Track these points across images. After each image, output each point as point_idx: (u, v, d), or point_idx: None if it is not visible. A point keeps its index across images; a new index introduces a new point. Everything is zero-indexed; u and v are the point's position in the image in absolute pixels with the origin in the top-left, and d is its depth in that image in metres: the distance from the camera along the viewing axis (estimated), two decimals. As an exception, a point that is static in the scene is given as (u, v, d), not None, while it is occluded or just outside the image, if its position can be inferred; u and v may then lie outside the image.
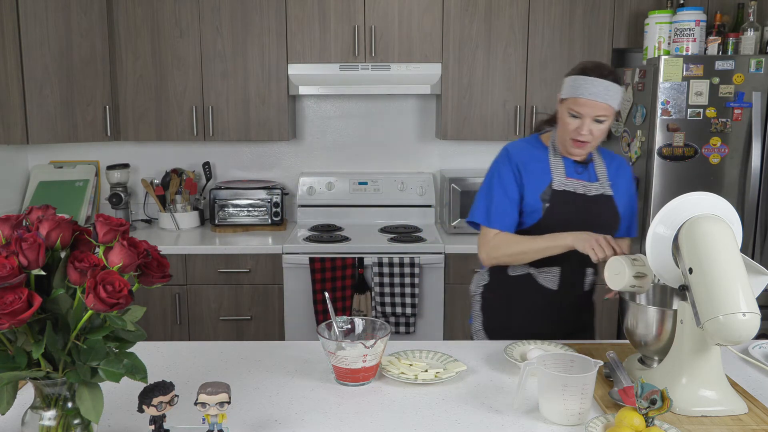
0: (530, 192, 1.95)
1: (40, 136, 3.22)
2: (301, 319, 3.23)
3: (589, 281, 2.03)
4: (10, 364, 1.07)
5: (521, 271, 2.00)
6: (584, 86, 1.82)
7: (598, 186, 1.97)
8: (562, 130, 1.91)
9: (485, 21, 3.35)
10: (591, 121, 1.84)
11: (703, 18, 3.02)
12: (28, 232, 1.08)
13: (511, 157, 1.98)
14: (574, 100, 1.84)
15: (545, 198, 1.93)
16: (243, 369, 1.65)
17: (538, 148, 2.01)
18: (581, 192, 1.95)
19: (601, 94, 1.81)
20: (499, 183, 1.96)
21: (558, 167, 1.96)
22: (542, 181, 1.95)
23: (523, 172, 1.96)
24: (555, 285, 1.98)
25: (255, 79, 3.39)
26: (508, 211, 1.95)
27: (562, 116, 1.89)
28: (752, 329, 1.29)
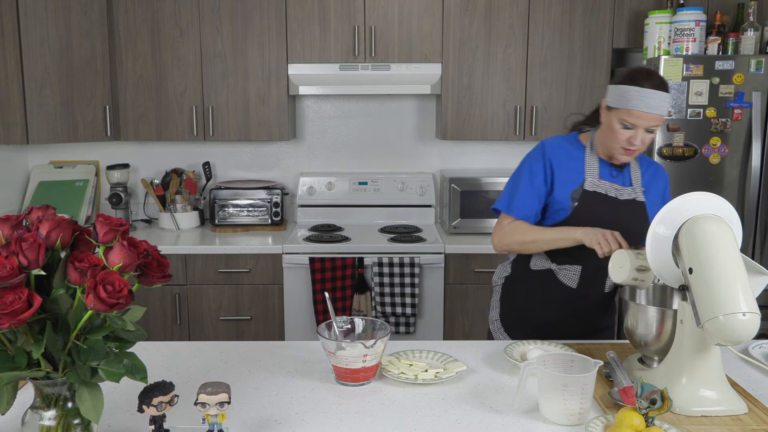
0: (561, 189, 1.95)
1: (40, 136, 3.22)
2: (301, 319, 3.23)
3: (611, 283, 2.03)
4: (10, 364, 1.07)
5: (542, 266, 2.01)
6: (639, 98, 1.79)
7: (631, 191, 1.96)
8: (611, 138, 1.88)
9: (485, 21, 3.35)
10: (643, 131, 1.83)
11: (703, 18, 3.02)
12: (28, 232, 1.08)
13: (545, 153, 1.98)
14: (628, 112, 1.81)
15: (575, 197, 1.94)
16: (243, 369, 1.65)
17: (576, 147, 2.00)
18: (612, 195, 1.94)
19: (656, 107, 1.79)
20: (528, 175, 1.98)
21: (592, 168, 1.96)
22: (575, 179, 1.95)
23: (556, 168, 1.96)
24: (575, 283, 1.99)
25: (255, 79, 3.39)
26: (530, 203, 1.96)
27: (612, 125, 1.86)
28: (752, 329, 1.29)
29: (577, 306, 2.01)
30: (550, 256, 1.99)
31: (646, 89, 1.79)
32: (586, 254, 1.89)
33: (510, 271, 2.12)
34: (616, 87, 1.85)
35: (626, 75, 1.84)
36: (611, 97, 1.87)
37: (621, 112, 1.83)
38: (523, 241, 1.95)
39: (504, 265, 2.17)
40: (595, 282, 2.01)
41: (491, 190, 3.38)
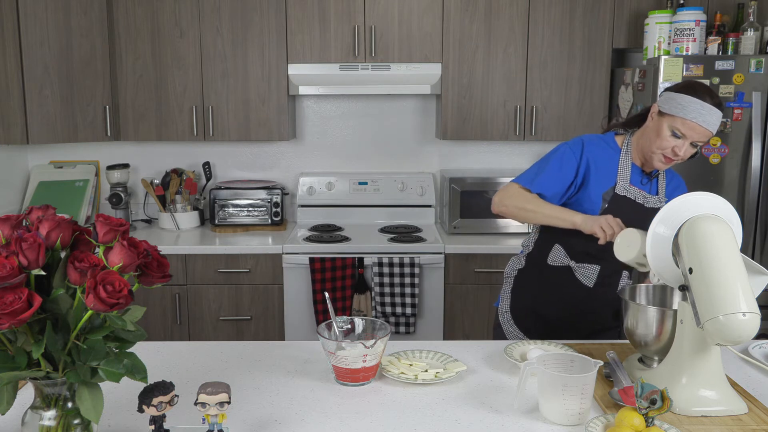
0: (595, 188, 1.95)
1: (40, 136, 3.22)
2: (301, 319, 3.23)
3: (623, 285, 2.05)
4: (10, 364, 1.07)
5: (561, 262, 2.03)
6: (699, 110, 1.79)
7: (657, 200, 1.97)
8: (656, 144, 1.87)
9: (485, 21, 3.35)
10: (689, 144, 1.83)
11: (703, 18, 3.02)
12: (28, 232, 1.08)
13: (584, 149, 1.96)
14: (682, 121, 1.81)
15: (606, 198, 1.94)
16: (243, 369, 1.65)
17: (613, 148, 2.00)
18: (640, 202, 1.95)
19: (711, 123, 1.80)
20: (559, 159, 1.96)
21: (625, 172, 1.96)
22: (607, 181, 1.96)
23: (593, 167, 1.96)
24: (591, 282, 2.01)
25: (255, 79, 3.39)
26: (552, 184, 1.94)
27: (662, 130, 1.85)
28: (752, 329, 1.29)
29: (590, 305, 2.02)
30: (570, 253, 2.01)
31: (707, 104, 1.79)
32: (606, 254, 1.89)
33: (524, 264, 2.13)
34: (675, 94, 1.84)
35: (688, 85, 1.84)
36: (668, 103, 1.85)
37: (675, 120, 1.82)
38: (523, 207, 1.93)
39: (518, 257, 2.18)
40: (611, 282, 2.03)
41: (491, 190, 3.38)
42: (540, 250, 2.08)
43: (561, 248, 2.03)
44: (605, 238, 1.79)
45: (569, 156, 1.96)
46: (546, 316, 2.06)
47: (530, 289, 2.11)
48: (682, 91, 1.83)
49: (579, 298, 2.03)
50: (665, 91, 1.89)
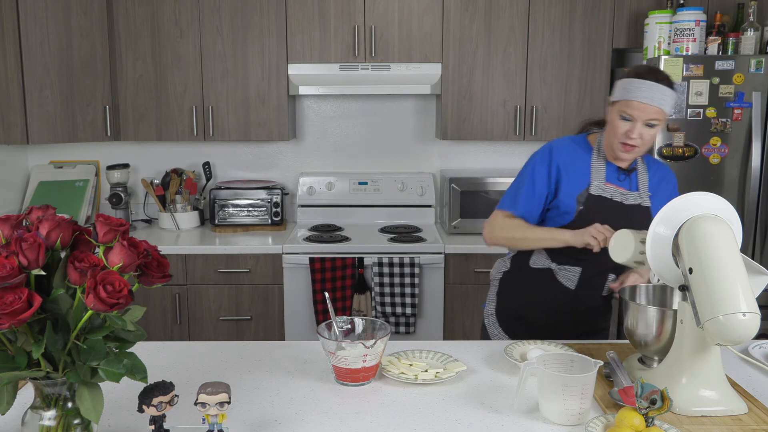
0: (567, 192, 1.94)
1: (40, 136, 3.22)
2: (301, 319, 3.23)
3: (609, 287, 2.03)
4: (10, 364, 1.07)
5: (542, 264, 2.01)
6: (638, 89, 1.80)
7: (636, 196, 1.95)
8: (612, 133, 1.88)
9: (485, 21, 3.35)
10: (642, 124, 1.82)
11: (703, 18, 3.02)
12: (28, 232, 1.08)
13: (552, 156, 1.96)
14: (627, 103, 1.81)
15: (581, 200, 1.92)
16: (243, 369, 1.65)
17: (584, 149, 1.99)
18: (618, 199, 1.93)
19: (655, 98, 1.79)
20: (531, 177, 1.97)
21: (599, 171, 1.95)
22: (581, 183, 1.94)
23: (564, 172, 1.94)
24: (573, 285, 1.99)
25: (255, 79, 3.39)
26: (531, 204, 1.96)
27: (613, 119, 1.86)
28: (752, 329, 1.29)
29: (574, 307, 2.01)
30: (551, 255, 1.99)
31: (648, 81, 1.79)
32: (587, 256, 1.89)
33: (509, 267, 2.11)
34: (620, 81, 1.86)
35: (632, 70, 1.86)
36: (615, 91, 1.87)
37: (621, 104, 1.83)
38: (513, 237, 1.97)
39: (503, 260, 2.16)
40: (594, 285, 2.00)
41: (491, 190, 3.38)
42: (523, 253, 2.06)
43: (543, 251, 2.01)
44: (598, 245, 1.78)
45: (539, 169, 1.96)
46: (530, 320, 2.04)
47: (515, 292, 2.08)
48: (626, 76, 1.85)
49: (562, 301, 2.00)
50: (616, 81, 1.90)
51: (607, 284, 2.02)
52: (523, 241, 1.96)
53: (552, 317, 2.01)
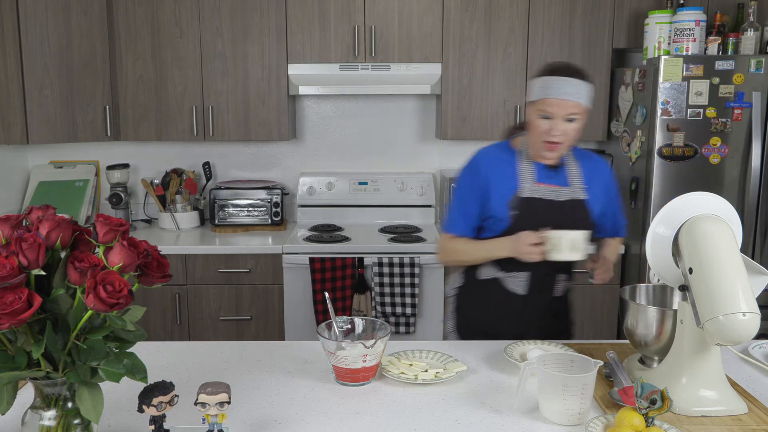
0: (498, 200, 1.93)
1: (40, 136, 3.22)
2: (301, 319, 3.23)
3: (562, 287, 2.01)
4: (10, 364, 1.07)
5: (490, 275, 1.98)
6: (554, 86, 1.80)
7: (569, 191, 1.93)
8: (534, 133, 1.88)
9: (485, 21, 3.35)
10: (562, 121, 1.82)
11: (703, 18, 3.02)
12: (28, 232, 1.08)
13: (478, 169, 1.96)
14: (544, 101, 1.82)
15: (513, 206, 1.91)
16: (243, 369, 1.66)
17: (508, 153, 1.98)
18: (550, 198, 1.91)
19: (571, 93, 1.80)
20: (460, 197, 1.99)
21: (527, 173, 1.93)
22: (510, 188, 1.93)
23: (491, 181, 1.94)
24: (523, 290, 1.96)
25: (255, 79, 3.39)
26: (468, 222, 1.98)
27: (533, 119, 1.86)
28: (752, 329, 1.29)
29: (529, 313, 1.98)
30: (498, 264, 1.97)
31: (560, 77, 1.80)
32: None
33: (462, 282, 2.09)
34: (534, 81, 1.87)
35: (545, 68, 1.87)
36: (531, 91, 1.87)
37: (539, 103, 1.84)
38: (460, 259, 2.02)
39: (456, 276, 2.13)
40: (544, 288, 1.98)
41: (491, 190, 3.38)
42: (471, 266, 2.04)
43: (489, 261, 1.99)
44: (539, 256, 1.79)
45: (467, 186, 1.98)
46: (490, 331, 1.99)
47: (472, 307, 2.05)
48: (539, 75, 1.86)
49: (515, 309, 1.98)
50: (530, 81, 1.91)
51: (557, 285, 2.00)
52: (470, 260, 2.00)
53: (510, 326, 1.98)
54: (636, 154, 3.13)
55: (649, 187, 3.02)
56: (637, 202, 3.15)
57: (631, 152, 3.18)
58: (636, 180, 3.14)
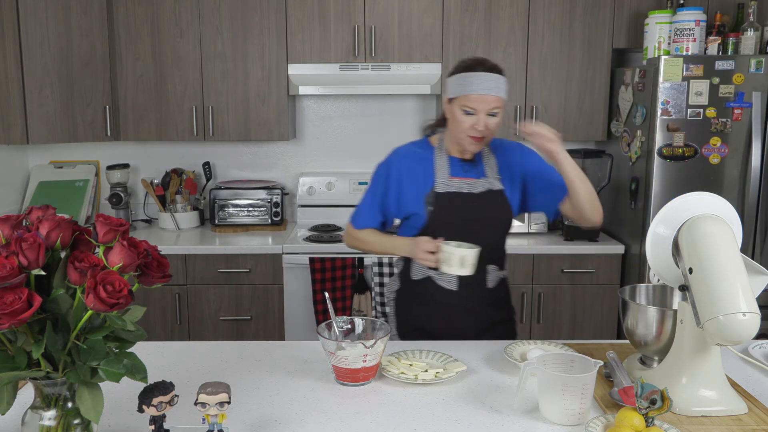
0: (413, 197, 1.96)
1: (40, 136, 3.22)
2: (301, 319, 3.23)
3: (494, 278, 2.00)
4: (10, 364, 1.07)
5: (422, 275, 2.00)
6: (475, 82, 1.83)
7: (485, 182, 1.96)
8: (458, 129, 1.89)
9: (485, 21, 3.35)
10: (485, 115, 1.84)
11: (703, 18, 3.02)
12: (28, 232, 1.08)
13: (390, 168, 2.00)
14: (467, 97, 1.83)
15: (429, 201, 1.93)
16: (243, 369, 1.66)
17: (426, 150, 2.01)
18: (466, 191, 1.94)
19: (491, 88, 1.83)
20: (372, 191, 2.04)
21: (442, 168, 1.96)
22: (426, 184, 1.95)
23: (405, 179, 1.97)
24: (455, 285, 1.97)
25: (255, 79, 3.39)
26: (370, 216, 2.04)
27: (455, 115, 1.88)
28: (752, 329, 1.29)
29: (464, 306, 1.98)
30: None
31: (480, 73, 1.83)
32: None
33: (399, 284, 2.09)
34: (452, 78, 1.89)
35: (460, 65, 1.89)
36: (449, 89, 1.89)
37: (460, 100, 1.85)
38: (362, 247, 2.08)
39: (393, 279, 2.13)
40: (475, 280, 1.96)
41: (491, 190, 3.38)
42: (405, 267, 2.05)
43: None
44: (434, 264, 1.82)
45: (379, 184, 2.01)
46: (429, 329, 1.99)
47: (409, 307, 2.05)
48: (457, 72, 1.88)
49: (450, 305, 1.98)
50: (446, 79, 1.92)
51: (488, 276, 1.99)
52: (371, 250, 2.07)
53: (447, 322, 1.98)
54: (636, 154, 3.14)
55: (649, 187, 3.02)
56: (637, 202, 3.15)
57: (631, 152, 3.18)
58: (636, 180, 3.14)
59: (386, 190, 2.00)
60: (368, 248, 2.07)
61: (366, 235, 2.05)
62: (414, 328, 2.02)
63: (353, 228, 2.09)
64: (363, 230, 2.05)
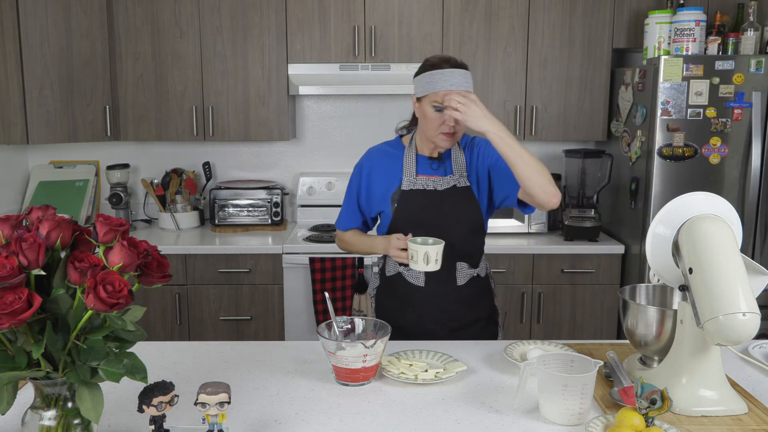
0: (381, 195, 2.01)
1: (40, 136, 3.22)
2: (301, 319, 3.23)
3: (464, 275, 1.99)
4: (10, 364, 1.07)
5: (394, 270, 2.03)
6: (442, 79, 1.85)
7: (450, 179, 1.97)
8: (430, 127, 1.90)
9: (485, 21, 3.35)
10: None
11: (703, 18, 3.02)
12: (28, 232, 1.08)
13: (362, 168, 2.06)
14: (436, 95, 1.85)
15: (395, 199, 1.98)
16: (243, 369, 1.66)
17: (397, 149, 2.05)
18: (431, 188, 1.96)
19: (459, 83, 1.85)
20: (346, 193, 2.11)
21: (410, 167, 1.99)
22: (394, 182, 2.00)
23: (374, 177, 2.02)
24: (421, 281, 1.98)
25: (255, 79, 3.39)
26: (350, 218, 2.11)
27: (426, 113, 1.89)
28: (752, 329, 1.29)
29: (433, 304, 1.99)
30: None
31: (447, 69, 1.85)
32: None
33: (378, 282, 2.12)
34: (419, 77, 1.91)
35: (425, 64, 1.91)
36: (417, 88, 1.91)
37: (430, 97, 1.87)
38: (350, 250, 2.15)
39: (374, 277, 2.16)
40: (443, 277, 1.96)
41: (491, 190, 3.38)
42: (383, 265, 2.09)
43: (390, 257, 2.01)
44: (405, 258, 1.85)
45: (352, 184, 2.09)
46: (404, 327, 1.98)
47: (387, 305, 2.07)
48: (423, 71, 1.90)
49: (419, 301, 1.99)
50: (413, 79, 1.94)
51: (458, 274, 1.98)
52: (357, 251, 2.13)
53: (420, 318, 1.99)
54: (636, 154, 3.13)
55: (649, 187, 3.02)
56: (637, 202, 3.15)
57: (631, 152, 3.18)
58: (636, 180, 3.14)
59: (359, 189, 2.06)
60: (353, 249, 2.12)
61: (350, 237, 2.12)
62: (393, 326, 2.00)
63: (339, 230, 2.15)
64: (347, 232, 2.12)
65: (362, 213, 2.09)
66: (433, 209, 1.95)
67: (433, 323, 1.99)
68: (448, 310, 2.00)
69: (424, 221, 1.94)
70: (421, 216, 1.95)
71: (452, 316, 2.00)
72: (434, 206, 1.95)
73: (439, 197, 1.96)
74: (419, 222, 1.94)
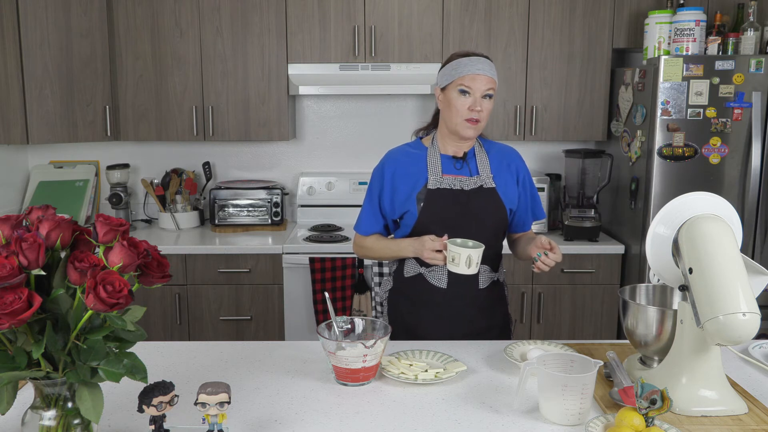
0: (406, 195, 1.98)
1: (40, 136, 3.22)
2: (301, 319, 3.23)
3: (486, 279, 1.99)
4: (10, 364, 1.07)
5: (414, 272, 2.00)
6: (469, 64, 1.89)
7: (477, 179, 1.97)
8: (454, 114, 1.91)
9: (485, 21, 3.35)
10: (480, 97, 1.89)
11: (703, 18, 3.02)
12: (28, 232, 1.08)
13: (384, 170, 2.03)
14: (463, 78, 1.88)
15: (421, 198, 1.96)
16: (243, 369, 1.66)
17: (418, 149, 2.05)
18: (457, 188, 1.96)
19: (486, 69, 1.90)
20: (367, 196, 2.08)
21: (435, 166, 1.99)
22: (419, 182, 1.98)
23: (398, 179, 2.00)
24: (444, 283, 1.96)
25: (255, 79, 3.39)
26: (372, 221, 2.06)
27: (451, 99, 1.91)
28: (752, 329, 1.29)
29: (453, 307, 1.97)
30: (420, 260, 1.97)
31: (472, 56, 1.91)
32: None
33: (392, 284, 2.10)
34: (444, 68, 1.95)
35: (452, 56, 1.96)
36: (442, 78, 1.95)
37: (456, 81, 1.90)
38: (369, 255, 2.09)
39: (386, 279, 2.14)
40: (466, 279, 1.95)
41: (491, 190, 3.38)
42: (399, 266, 2.06)
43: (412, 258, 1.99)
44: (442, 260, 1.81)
45: (374, 187, 2.05)
46: (418, 330, 1.98)
47: (401, 307, 2.05)
48: (448, 62, 1.95)
49: (439, 303, 1.97)
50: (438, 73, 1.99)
51: (480, 277, 1.97)
52: (379, 257, 2.07)
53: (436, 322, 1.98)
54: (636, 154, 3.14)
55: (649, 187, 3.02)
56: (637, 202, 3.15)
57: (631, 152, 3.18)
58: (636, 180, 3.14)
59: (381, 191, 2.03)
60: (375, 255, 2.06)
61: (372, 242, 2.06)
62: (404, 329, 2.01)
63: (359, 236, 2.09)
64: (369, 237, 2.07)
65: (384, 216, 2.05)
66: (459, 208, 1.93)
67: (451, 328, 1.96)
68: (467, 314, 1.99)
69: (451, 220, 1.92)
70: (447, 215, 1.93)
71: (470, 320, 1.99)
72: (460, 205, 1.94)
73: (465, 197, 1.95)
74: (445, 221, 1.92)
